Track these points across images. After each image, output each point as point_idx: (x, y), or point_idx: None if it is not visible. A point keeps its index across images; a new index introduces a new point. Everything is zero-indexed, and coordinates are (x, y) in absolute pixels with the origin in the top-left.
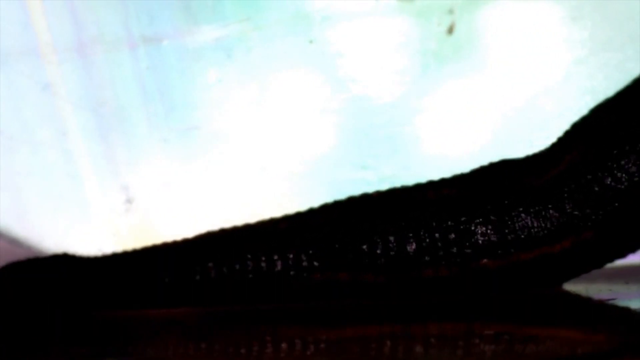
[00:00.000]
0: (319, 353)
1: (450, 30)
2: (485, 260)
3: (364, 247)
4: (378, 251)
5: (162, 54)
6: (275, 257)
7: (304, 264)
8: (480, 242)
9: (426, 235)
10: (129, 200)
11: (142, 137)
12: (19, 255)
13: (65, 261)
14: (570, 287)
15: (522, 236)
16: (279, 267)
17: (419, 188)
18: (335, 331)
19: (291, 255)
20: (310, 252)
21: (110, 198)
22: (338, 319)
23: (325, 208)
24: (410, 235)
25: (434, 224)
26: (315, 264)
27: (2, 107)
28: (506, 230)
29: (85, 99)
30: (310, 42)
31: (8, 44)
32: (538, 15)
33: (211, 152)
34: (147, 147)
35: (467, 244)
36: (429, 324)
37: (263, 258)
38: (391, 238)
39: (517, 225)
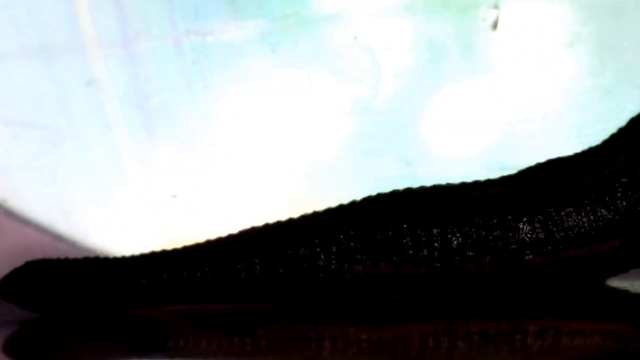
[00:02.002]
0: (361, 352)
1: (495, 25)
2: (531, 256)
3: (407, 239)
4: (421, 244)
5: (207, 49)
6: (318, 250)
7: (346, 256)
8: (526, 239)
9: (472, 230)
10: (174, 195)
11: (187, 131)
12: (63, 250)
13: (100, 263)
14: (616, 283)
15: (571, 234)
16: (321, 261)
17: (463, 187)
18: (377, 330)
19: (333, 248)
20: (352, 244)
21: (155, 193)
22: (379, 318)
23: (368, 201)
24: (455, 229)
25: (479, 220)
26: (358, 256)
27: (48, 103)
28: (555, 228)
29: (130, 94)
30: (355, 37)
31: (53, 39)
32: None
33: (255, 147)
34: (192, 141)
35: (513, 240)
36: (471, 320)
37: (306, 252)
38: (435, 231)
39: (566, 223)
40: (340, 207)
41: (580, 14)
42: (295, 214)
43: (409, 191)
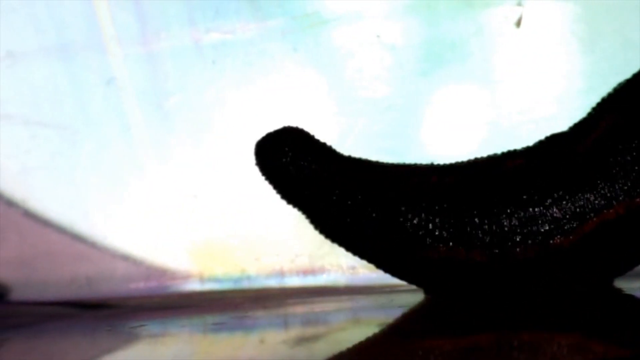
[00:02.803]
0: None
1: (519, 23)
2: (557, 237)
3: (478, 222)
4: (485, 228)
5: (227, 48)
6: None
7: (437, 232)
8: (551, 219)
9: (513, 212)
10: (194, 195)
11: (207, 130)
12: (82, 250)
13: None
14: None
15: (580, 210)
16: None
17: (503, 157)
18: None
19: (431, 218)
20: (440, 219)
21: (175, 193)
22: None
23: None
24: (506, 211)
25: (517, 200)
26: (444, 234)
27: (67, 102)
28: (568, 205)
29: (150, 93)
30: (378, 36)
31: (72, 38)
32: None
33: None
34: (212, 140)
35: (542, 221)
36: (520, 332)
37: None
38: (494, 210)
39: (576, 200)
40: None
41: (602, 12)
42: None
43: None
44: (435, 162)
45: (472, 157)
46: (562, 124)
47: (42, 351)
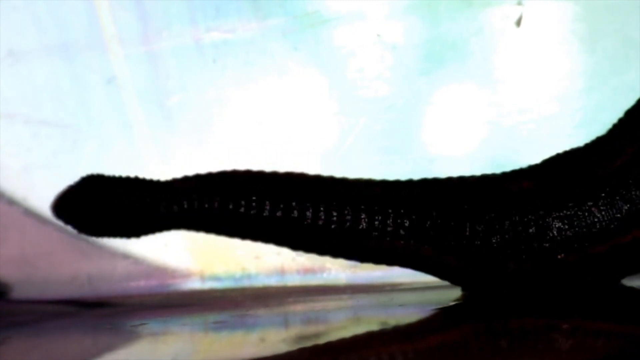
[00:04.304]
0: None
1: (519, 22)
2: (563, 254)
3: (454, 231)
4: (465, 238)
5: (228, 47)
6: (363, 216)
7: (389, 228)
8: (557, 236)
9: (510, 227)
10: None
11: (209, 130)
12: (83, 249)
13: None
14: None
15: (594, 230)
16: (363, 225)
17: (504, 177)
18: (420, 341)
19: (379, 217)
20: (399, 220)
21: None
22: (419, 329)
23: (424, 182)
24: (497, 226)
25: (517, 217)
26: (401, 232)
27: (68, 101)
28: (580, 224)
29: (151, 92)
30: (379, 35)
31: (74, 37)
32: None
33: (276, 145)
34: (214, 139)
35: (547, 238)
36: (510, 320)
37: (350, 212)
38: (479, 228)
39: (589, 219)
40: (396, 183)
41: (603, 11)
42: None
43: (461, 179)
44: (436, 162)
45: (472, 156)
46: (563, 124)
47: (42, 349)
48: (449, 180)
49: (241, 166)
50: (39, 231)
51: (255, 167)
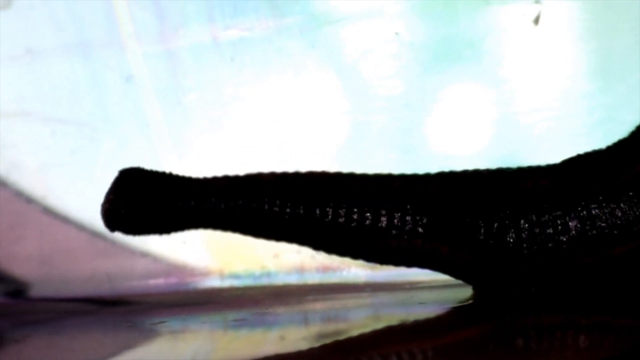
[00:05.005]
0: None
1: (537, 20)
2: (580, 255)
3: (468, 227)
4: (480, 236)
5: (246, 45)
6: (383, 213)
7: (408, 227)
8: (575, 237)
9: (526, 226)
10: None
11: (226, 127)
12: (101, 247)
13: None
14: None
15: (615, 231)
16: (383, 224)
17: (520, 173)
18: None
19: (398, 214)
20: (417, 217)
21: None
22: (439, 326)
23: (441, 177)
24: (512, 225)
25: (534, 216)
26: (420, 230)
27: (86, 99)
28: (600, 225)
29: (168, 90)
30: (397, 34)
31: (91, 36)
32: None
33: (293, 142)
34: (231, 137)
35: (564, 238)
36: (526, 316)
37: (370, 210)
38: (494, 226)
39: (609, 220)
40: (414, 177)
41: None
42: None
43: (476, 172)
44: (451, 160)
45: (487, 154)
46: (581, 122)
47: (62, 347)
48: (465, 173)
49: (257, 163)
50: (57, 229)
51: (271, 164)
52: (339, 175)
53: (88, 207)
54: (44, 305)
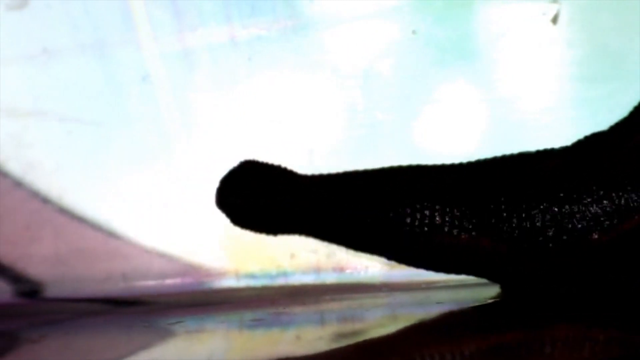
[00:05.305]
0: None
1: (555, 19)
2: (596, 234)
3: (504, 216)
4: (513, 223)
5: (262, 44)
6: (437, 208)
7: (456, 220)
8: (590, 215)
9: (549, 207)
10: None
11: (243, 128)
12: (117, 247)
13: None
14: None
15: (621, 208)
16: (437, 220)
17: (538, 155)
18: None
19: (448, 208)
20: (461, 210)
21: (212, 189)
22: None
23: (469, 166)
24: (538, 208)
25: (552, 198)
26: (465, 224)
27: (103, 98)
28: (608, 202)
29: (185, 90)
30: (414, 32)
31: (108, 35)
32: None
33: (303, 143)
34: (249, 138)
35: (581, 217)
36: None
37: (425, 207)
38: (526, 212)
39: (618, 200)
40: (445, 167)
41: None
42: None
43: (502, 159)
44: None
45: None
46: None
47: (77, 348)
48: (493, 161)
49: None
50: (73, 229)
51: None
52: (381, 171)
53: (104, 207)
54: (60, 306)
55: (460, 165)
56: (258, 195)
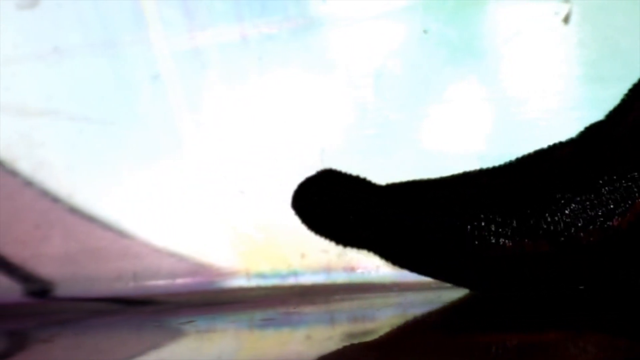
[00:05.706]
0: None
1: (567, 19)
2: (615, 219)
3: (539, 212)
4: (548, 217)
5: (273, 44)
6: (490, 217)
7: (500, 229)
8: (605, 201)
9: (572, 199)
10: (241, 191)
11: (255, 127)
12: (128, 246)
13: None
14: None
15: (630, 189)
16: (492, 227)
17: (551, 148)
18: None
19: (502, 216)
20: (501, 215)
21: (222, 189)
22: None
23: (508, 168)
24: (564, 197)
25: (574, 185)
26: (507, 230)
27: (113, 98)
28: (618, 186)
29: (196, 88)
30: (425, 31)
31: (119, 34)
32: None
33: (314, 142)
34: (260, 137)
35: (597, 203)
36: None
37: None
38: (551, 199)
39: (626, 182)
40: (486, 172)
41: None
42: None
43: (523, 159)
44: (484, 158)
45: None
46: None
47: (89, 347)
48: (513, 163)
49: (286, 161)
50: (84, 229)
51: (299, 162)
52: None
53: (115, 206)
54: (70, 305)
55: (480, 171)
56: (336, 203)
